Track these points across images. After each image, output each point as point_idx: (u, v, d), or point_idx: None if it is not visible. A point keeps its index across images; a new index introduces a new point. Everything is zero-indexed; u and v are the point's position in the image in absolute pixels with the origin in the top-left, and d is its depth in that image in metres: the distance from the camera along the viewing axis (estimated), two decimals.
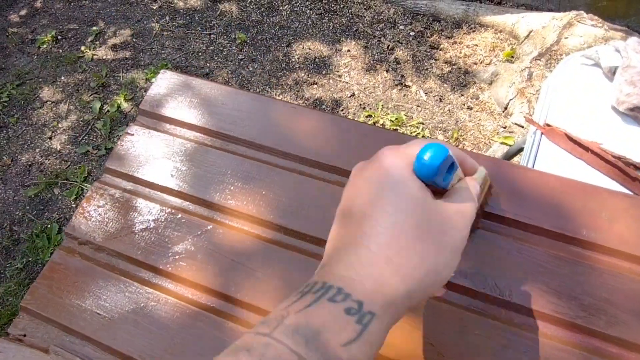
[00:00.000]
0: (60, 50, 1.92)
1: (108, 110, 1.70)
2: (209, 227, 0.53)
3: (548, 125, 0.73)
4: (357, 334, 0.25)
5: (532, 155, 0.69)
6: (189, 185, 0.56)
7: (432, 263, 0.29)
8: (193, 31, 1.96)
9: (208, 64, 1.84)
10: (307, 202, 0.53)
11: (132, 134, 0.60)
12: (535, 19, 1.62)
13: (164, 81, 0.64)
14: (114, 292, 0.50)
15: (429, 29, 1.92)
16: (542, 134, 0.71)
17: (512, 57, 1.69)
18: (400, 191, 0.29)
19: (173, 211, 0.54)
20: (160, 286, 0.50)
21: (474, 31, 1.83)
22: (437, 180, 0.31)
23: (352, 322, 0.25)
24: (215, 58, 1.87)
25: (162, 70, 0.66)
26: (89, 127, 1.67)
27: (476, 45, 1.80)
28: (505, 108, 1.55)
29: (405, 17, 1.96)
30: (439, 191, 0.33)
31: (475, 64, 1.75)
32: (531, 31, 1.61)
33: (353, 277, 0.27)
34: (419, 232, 0.29)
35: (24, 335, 0.49)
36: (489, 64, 1.72)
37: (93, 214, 0.55)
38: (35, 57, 1.90)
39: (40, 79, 1.82)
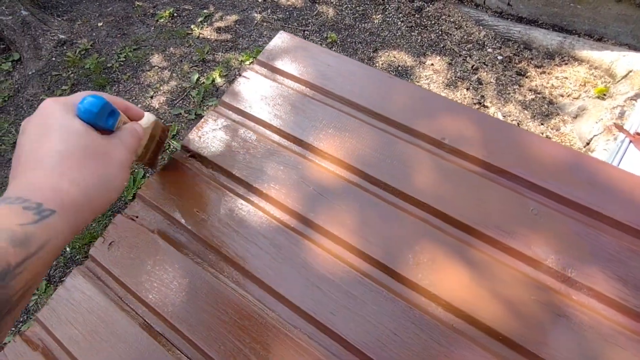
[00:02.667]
0: (174, 26, 2.17)
1: (203, 82, 1.89)
2: (299, 162, 0.60)
3: (638, 134, 0.71)
4: (35, 221, 0.31)
5: (615, 160, 0.69)
6: (288, 125, 0.64)
7: (101, 174, 0.37)
8: (290, 25, 2.12)
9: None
10: (389, 157, 0.59)
11: (247, 78, 0.70)
12: (637, 60, 1.55)
13: (280, 40, 0.73)
14: (212, 198, 0.59)
15: (518, 56, 1.91)
16: (630, 141, 0.70)
17: (604, 94, 1.62)
18: (63, 128, 0.36)
19: (271, 144, 0.62)
20: (251, 200, 0.58)
21: (566, 64, 1.78)
22: (98, 122, 0.39)
23: (29, 213, 0.31)
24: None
25: (280, 32, 0.75)
26: (185, 93, 1.86)
27: (566, 77, 1.75)
28: (588, 143, 1.49)
29: (495, 41, 1.96)
30: (106, 132, 0.41)
31: (562, 96, 1.71)
32: (630, 71, 1.55)
33: (32, 189, 0.33)
34: (86, 154, 0.36)
35: (137, 217, 0.59)
36: (577, 97, 1.67)
37: (205, 134, 0.65)
38: (153, 28, 2.16)
39: (153, 47, 2.06)
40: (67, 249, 1.48)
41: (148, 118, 0.52)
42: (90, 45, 2.11)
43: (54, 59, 2.07)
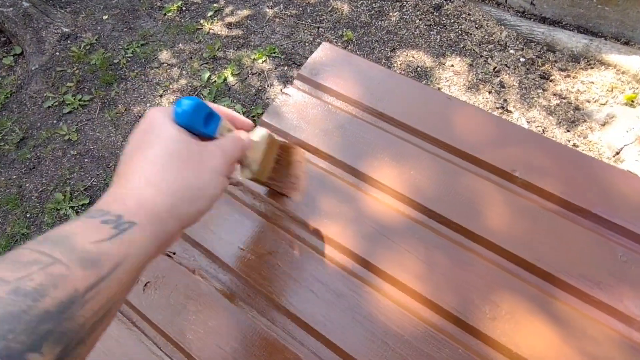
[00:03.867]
0: (182, 20, 2.08)
1: (215, 81, 1.82)
2: (353, 194, 0.54)
3: None
4: (111, 236, 0.28)
5: None
6: (338, 151, 0.58)
7: (192, 182, 0.34)
8: (303, 22, 2.04)
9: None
10: (454, 191, 0.53)
11: (289, 95, 0.64)
12: None
13: (324, 52, 0.67)
14: (258, 234, 0.53)
15: (541, 58, 1.84)
16: None
17: (633, 101, 1.57)
18: (159, 133, 0.34)
19: (320, 172, 0.57)
20: (303, 238, 0.53)
21: (592, 67, 1.72)
22: (195, 126, 0.36)
23: (106, 228, 0.28)
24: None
25: (323, 43, 0.69)
26: (196, 92, 1.79)
27: (592, 82, 1.69)
28: (617, 153, 1.44)
29: (518, 42, 1.90)
30: (206, 138, 0.38)
31: (589, 101, 1.65)
32: None
33: (115, 200, 0.31)
34: (178, 159, 0.34)
35: (174, 254, 0.54)
36: (604, 104, 1.61)
37: None
38: (160, 22, 2.08)
39: (162, 43, 1.98)
40: None
41: (260, 131, 0.46)
42: (95, 39, 2.03)
43: (57, 53, 1.99)
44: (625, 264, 0.47)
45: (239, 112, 1.72)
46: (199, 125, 0.36)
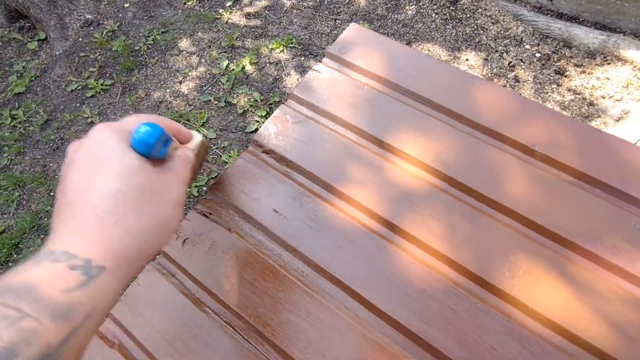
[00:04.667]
0: (202, 9, 2.12)
1: (233, 69, 1.85)
2: (380, 163, 0.58)
3: None
4: (81, 283, 0.26)
5: None
6: (365, 124, 0.61)
7: (157, 219, 0.33)
8: (320, 14, 2.07)
9: (329, 46, 1.94)
10: (476, 162, 0.56)
11: (318, 71, 0.67)
12: None
13: (352, 32, 0.70)
14: (290, 197, 0.57)
15: (557, 54, 1.85)
16: None
17: None
18: (118, 163, 0.32)
19: (348, 142, 0.60)
20: (331, 202, 0.56)
21: (608, 63, 1.73)
22: (153, 153, 0.35)
23: (75, 274, 0.27)
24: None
25: (352, 23, 0.72)
26: (214, 80, 1.83)
27: (608, 78, 1.70)
28: None
29: (534, 38, 1.91)
30: (157, 161, 0.37)
31: (603, 97, 1.66)
32: None
33: (81, 241, 0.29)
34: (141, 195, 0.32)
35: (210, 214, 0.57)
36: (619, 100, 1.62)
37: (278, 129, 0.62)
38: (180, 11, 2.12)
39: (181, 31, 2.03)
40: None
41: (195, 138, 0.47)
42: (117, 26, 2.08)
43: (80, 39, 2.04)
44: (639, 232, 0.50)
45: (257, 100, 1.75)
46: (156, 154, 0.36)
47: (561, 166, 0.55)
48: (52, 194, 1.59)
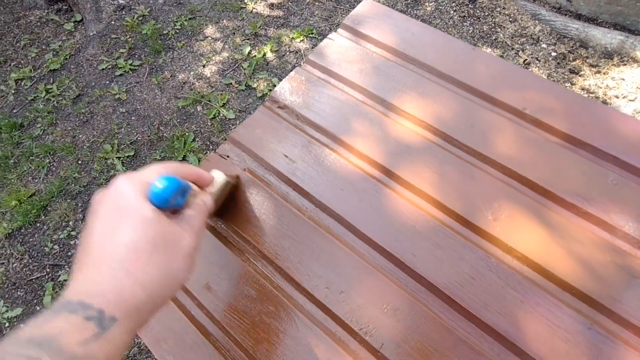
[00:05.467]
0: None
1: (255, 56, 1.94)
2: (382, 119, 0.64)
3: None
4: (96, 335, 0.28)
5: None
6: (371, 85, 0.67)
7: (167, 270, 0.34)
8: (341, 6, 2.14)
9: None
10: (469, 122, 0.61)
11: (332, 39, 0.73)
12: None
13: (366, 6, 0.76)
14: (299, 145, 0.63)
15: (573, 54, 1.87)
16: None
17: None
18: (135, 215, 0.34)
19: (355, 101, 0.66)
20: (336, 150, 0.62)
21: (624, 64, 1.74)
22: (169, 205, 0.37)
23: (91, 326, 0.28)
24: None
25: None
26: (236, 64, 1.92)
27: (623, 79, 1.71)
28: None
29: (551, 37, 1.93)
30: (177, 209, 0.39)
31: (617, 97, 1.67)
32: None
33: (95, 291, 0.31)
34: (154, 247, 0.34)
35: (227, 156, 0.64)
36: (632, 100, 1.64)
37: (293, 87, 0.69)
38: None
39: (208, 18, 2.12)
40: None
41: (217, 179, 0.50)
42: (147, 12, 2.18)
43: (113, 22, 2.16)
44: (615, 187, 0.54)
45: (276, 85, 1.83)
46: (173, 204, 0.38)
47: (549, 129, 0.60)
48: (79, 162, 1.70)
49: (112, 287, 0.31)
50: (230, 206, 0.59)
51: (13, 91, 1.96)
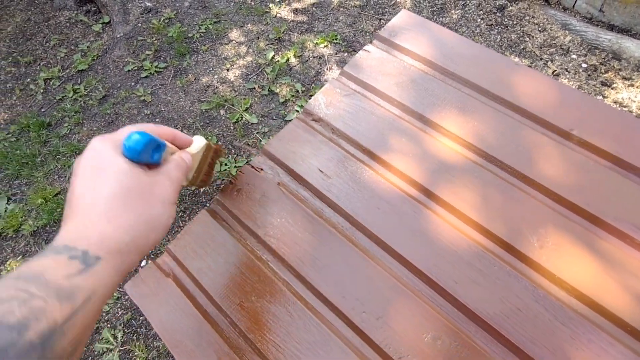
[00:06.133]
0: (253, 3, 2.22)
1: (278, 61, 1.93)
2: (420, 136, 0.62)
3: None
4: (80, 271, 0.30)
5: None
6: (409, 100, 0.65)
7: (146, 215, 0.36)
8: (366, 13, 2.12)
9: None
10: (513, 141, 0.59)
11: (368, 51, 0.72)
12: None
13: (403, 18, 0.75)
14: (335, 161, 0.62)
15: (605, 65, 1.81)
16: None
17: None
18: (111, 169, 0.36)
19: (391, 116, 0.64)
20: (372, 166, 0.60)
21: None
22: (143, 159, 0.38)
23: (75, 263, 0.31)
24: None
25: (402, 10, 0.77)
26: (260, 69, 1.92)
27: None
28: None
29: (581, 48, 1.88)
30: (153, 165, 0.40)
31: None
32: None
33: (79, 237, 0.33)
34: (131, 195, 0.36)
35: (261, 169, 0.63)
36: None
37: (328, 100, 0.68)
38: (233, 3, 2.23)
39: (232, 22, 2.13)
40: None
41: (198, 143, 0.49)
42: (173, 14, 2.21)
43: (140, 24, 2.19)
44: None
45: (299, 91, 1.82)
46: (147, 158, 0.39)
47: (597, 150, 0.57)
48: None
49: (95, 232, 0.33)
50: (265, 222, 0.58)
51: (42, 90, 2.00)
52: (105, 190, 0.35)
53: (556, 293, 0.49)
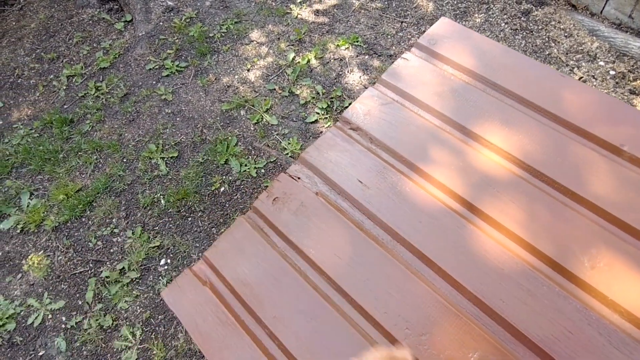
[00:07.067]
0: (274, 4, 2.22)
1: (299, 62, 1.93)
2: (462, 148, 0.60)
3: None
4: None
5: None
6: (449, 110, 0.64)
7: None
8: (387, 15, 2.10)
9: (394, 48, 1.96)
10: (560, 156, 0.57)
11: (407, 59, 0.71)
12: None
13: (443, 26, 0.73)
14: (374, 171, 0.60)
15: (634, 73, 1.77)
16: None
17: None
18: None
19: (432, 127, 0.63)
20: (412, 178, 0.59)
21: None
22: None
23: None
24: (402, 44, 1.98)
25: (442, 17, 0.75)
26: (280, 70, 1.91)
27: None
28: None
29: (609, 55, 1.83)
30: None
31: None
32: None
33: None
34: None
35: (299, 178, 0.63)
36: None
37: (365, 109, 0.66)
38: (254, 4, 2.23)
39: (253, 22, 2.13)
40: (162, 201, 1.59)
41: None
42: (194, 14, 2.22)
43: (161, 23, 2.20)
44: None
45: (319, 93, 1.81)
46: None
47: None
48: (124, 160, 1.73)
49: None
50: (303, 232, 0.57)
51: (64, 87, 2.02)
52: None
53: (609, 316, 0.47)
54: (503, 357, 0.46)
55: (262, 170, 1.63)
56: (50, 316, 1.45)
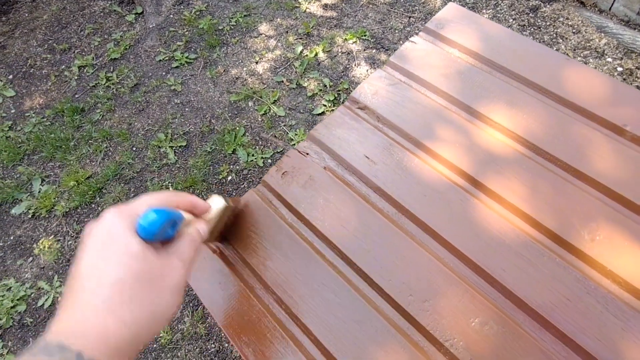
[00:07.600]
0: None
1: (306, 55, 1.95)
2: (467, 127, 0.62)
3: None
4: None
5: None
6: (456, 91, 0.65)
7: (153, 307, 0.33)
8: (395, 10, 2.12)
9: (401, 42, 1.98)
10: (563, 136, 0.59)
11: (415, 42, 0.72)
12: None
13: (450, 10, 0.75)
14: (381, 148, 0.62)
15: None
16: None
17: None
18: (121, 250, 0.33)
19: (438, 106, 0.64)
20: (418, 155, 0.61)
21: None
22: (157, 238, 0.35)
23: None
24: (409, 38, 1.99)
25: (450, 2, 0.77)
26: (288, 63, 1.94)
27: None
28: None
29: (617, 51, 1.83)
30: (165, 241, 0.38)
31: None
32: None
33: (77, 332, 0.30)
34: (139, 283, 0.32)
35: (307, 154, 0.64)
36: None
37: (373, 89, 0.68)
38: None
39: (262, 16, 2.16)
40: (170, 189, 1.61)
41: (216, 205, 0.48)
42: (204, 7, 2.24)
43: (172, 16, 2.23)
44: None
45: (326, 85, 1.83)
46: (162, 236, 0.37)
47: None
48: (134, 148, 1.76)
49: (95, 327, 0.31)
50: (311, 204, 0.59)
51: (76, 77, 2.06)
52: (112, 274, 0.33)
53: (608, 286, 0.48)
54: (503, 322, 0.47)
55: (269, 160, 1.65)
56: (59, 298, 1.48)
